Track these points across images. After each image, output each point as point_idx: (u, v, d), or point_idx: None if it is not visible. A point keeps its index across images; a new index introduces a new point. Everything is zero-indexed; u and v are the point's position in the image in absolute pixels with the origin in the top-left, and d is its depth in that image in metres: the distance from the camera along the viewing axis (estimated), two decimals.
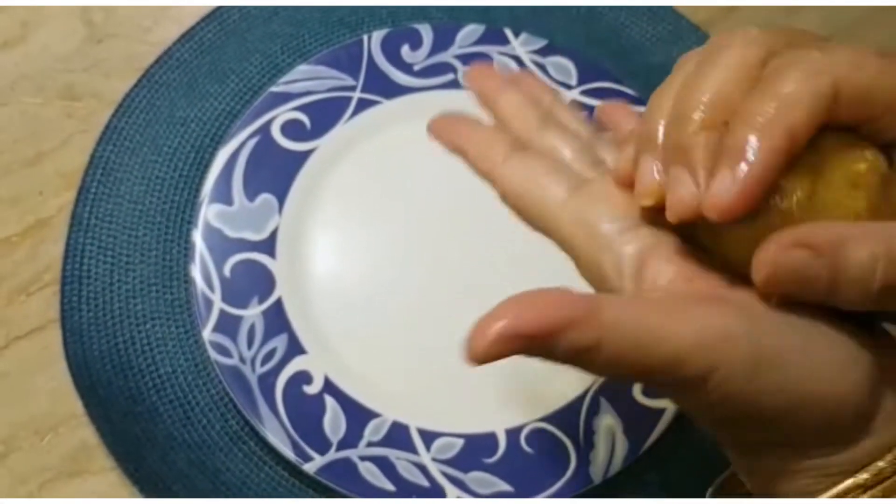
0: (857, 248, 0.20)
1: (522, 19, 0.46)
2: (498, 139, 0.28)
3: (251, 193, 0.41)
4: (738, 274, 0.23)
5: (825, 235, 0.20)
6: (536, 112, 0.29)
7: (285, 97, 0.43)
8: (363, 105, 0.43)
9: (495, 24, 0.45)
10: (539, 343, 0.20)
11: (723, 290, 0.23)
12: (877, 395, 0.22)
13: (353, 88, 0.43)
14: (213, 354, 0.38)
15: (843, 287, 0.21)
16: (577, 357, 0.20)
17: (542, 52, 0.45)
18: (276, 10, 0.46)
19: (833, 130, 0.22)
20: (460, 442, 0.39)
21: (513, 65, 0.45)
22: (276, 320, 0.40)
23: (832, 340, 0.22)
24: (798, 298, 0.22)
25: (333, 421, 0.38)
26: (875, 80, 0.21)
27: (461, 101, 0.44)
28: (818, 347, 0.22)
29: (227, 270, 0.40)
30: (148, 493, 0.38)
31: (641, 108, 0.44)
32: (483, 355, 0.20)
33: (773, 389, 0.21)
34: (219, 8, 0.46)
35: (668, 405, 0.39)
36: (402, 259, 0.42)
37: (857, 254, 0.20)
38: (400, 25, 0.45)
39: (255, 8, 0.46)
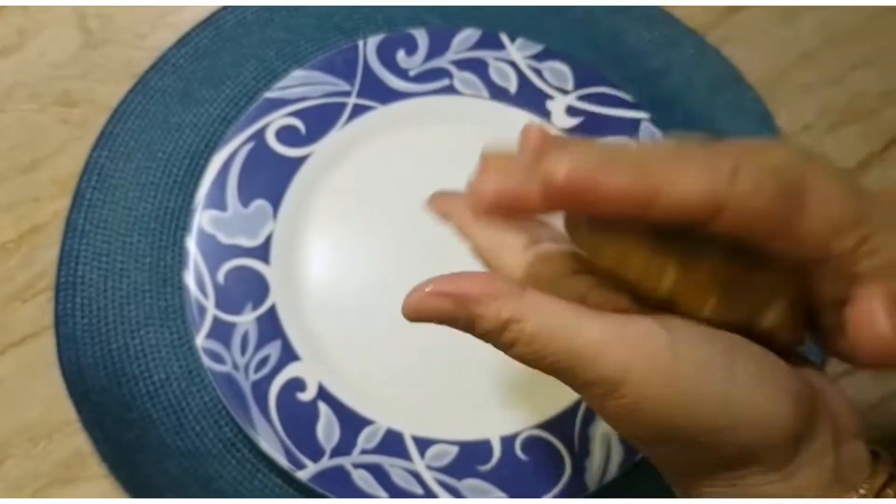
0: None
1: (519, 24, 0.46)
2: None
3: (245, 199, 0.41)
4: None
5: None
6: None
7: (280, 103, 0.42)
8: (358, 111, 0.43)
9: (491, 29, 0.45)
10: (463, 305, 0.22)
11: (647, 312, 0.23)
12: (808, 420, 0.22)
13: (348, 94, 0.43)
14: (206, 361, 0.38)
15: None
16: (497, 328, 0.22)
17: (539, 56, 0.45)
18: (271, 15, 0.46)
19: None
20: (455, 449, 0.39)
21: (509, 70, 0.44)
22: (270, 327, 0.39)
23: (758, 363, 0.22)
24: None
25: (327, 428, 0.38)
26: (759, 213, 0.20)
27: (456, 105, 0.44)
28: (743, 366, 0.22)
29: (220, 277, 0.40)
30: None
31: (639, 113, 0.44)
32: (414, 309, 0.23)
33: (694, 400, 0.21)
34: (214, 14, 0.46)
35: None
36: (397, 265, 0.42)
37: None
38: (395, 30, 0.45)
39: (251, 14, 0.46)
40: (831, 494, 0.22)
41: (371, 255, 0.42)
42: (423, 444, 0.39)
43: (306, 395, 0.39)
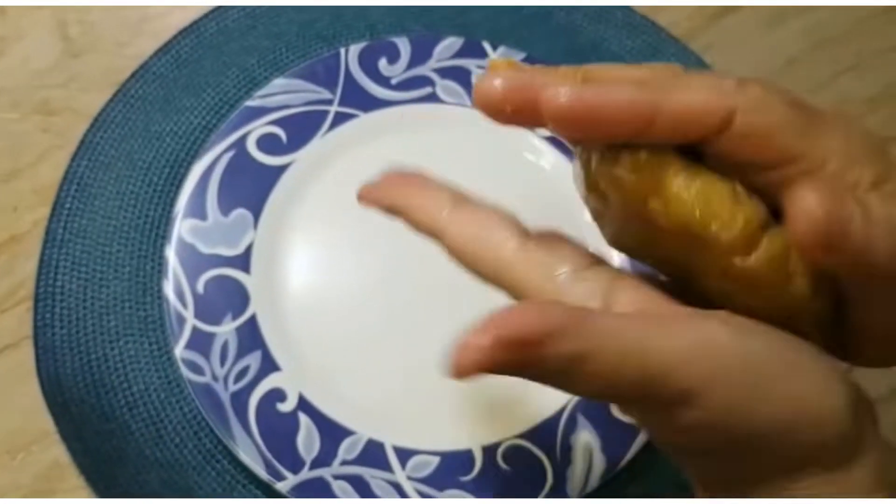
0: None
1: (501, 32, 0.46)
2: (438, 195, 0.26)
3: (225, 208, 0.41)
4: (704, 299, 0.22)
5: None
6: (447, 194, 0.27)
7: (261, 111, 0.42)
8: (340, 119, 0.43)
9: (474, 37, 0.45)
10: (527, 351, 0.19)
11: (698, 309, 0.22)
12: (857, 418, 0.21)
13: (330, 102, 0.43)
14: (185, 372, 0.38)
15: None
16: (563, 368, 0.20)
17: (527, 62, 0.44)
18: (253, 23, 0.46)
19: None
20: (436, 460, 0.38)
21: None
22: (250, 337, 0.39)
23: (812, 356, 0.21)
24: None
25: (307, 439, 0.38)
26: (774, 128, 0.20)
27: (438, 113, 0.44)
28: (803, 361, 0.21)
29: (200, 287, 0.39)
30: None
31: None
32: (471, 366, 0.19)
33: (765, 403, 0.20)
34: (196, 21, 0.45)
35: None
36: (378, 275, 0.41)
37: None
38: (377, 38, 0.45)
39: (233, 21, 0.46)
40: (881, 494, 0.21)
41: (353, 264, 0.42)
42: (405, 455, 0.38)
43: (286, 406, 0.38)
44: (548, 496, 0.38)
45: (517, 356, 0.19)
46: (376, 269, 0.42)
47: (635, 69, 0.22)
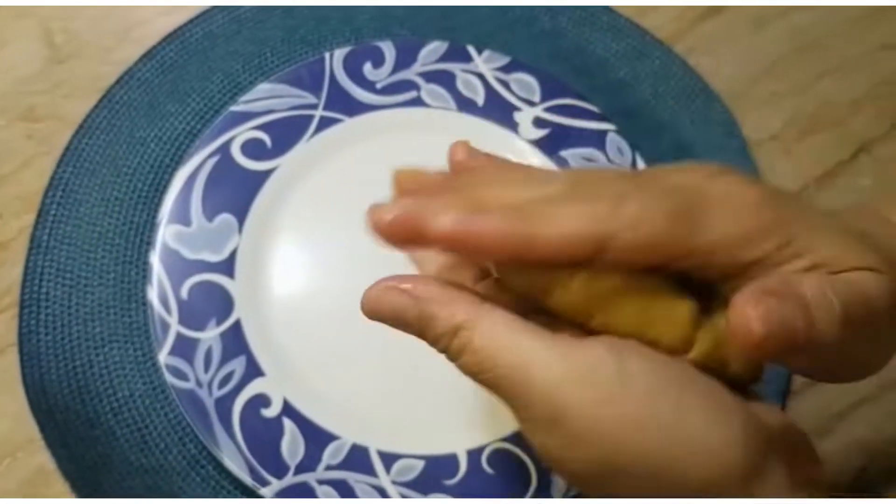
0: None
1: (486, 36, 0.46)
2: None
3: (210, 214, 0.41)
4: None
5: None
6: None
7: (245, 116, 0.42)
8: (325, 123, 0.43)
9: (458, 42, 0.45)
10: (420, 303, 0.23)
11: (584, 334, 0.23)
12: (759, 458, 0.21)
13: (314, 107, 0.43)
14: (169, 378, 0.38)
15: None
16: (449, 335, 0.23)
17: (506, 69, 0.45)
18: (238, 28, 0.46)
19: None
20: (421, 464, 0.38)
21: (477, 82, 0.44)
22: (235, 342, 0.39)
23: (708, 396, 0.21)
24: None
25: (292, 444, 0.38)
26: (650, 237, 0.20)
27: (424, 118, 0.44)
28: (693, 400, 0.21)
29: (184, 292, 0.39)
30: None
31: (605, 125, 0.44)
32: (372, 302, 0.25)
33: (641, 434, 0.20)
34: (181, 27, 0.45)
35: None
36: (363, 279, 0.41)
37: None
38: (362, 43, 0.45)
39: (218, 27, 0.46)
40: None
41: (338, 269, 0.42)
42: (389, 459, 0.38)
43: (271, 412, 0.38)
44: (532, 498, 0.38)
45: (413, 305, 0.23)
46: (361, 274, 0.41)
47: (538, 187, 0.22)
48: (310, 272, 0.41)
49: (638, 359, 0.21)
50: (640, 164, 0.43)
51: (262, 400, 0.38)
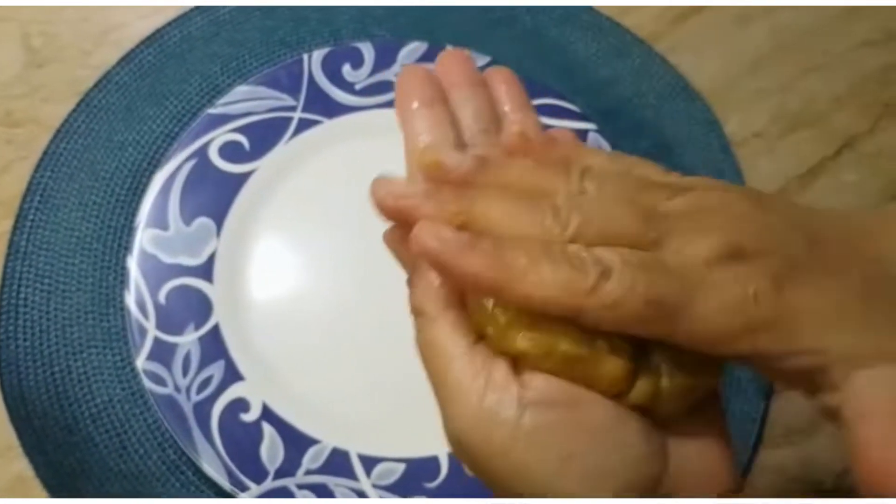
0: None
1: (466, 36, 0.46)
2: None
3: (187, 217, 0.40)
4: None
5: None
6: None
7: (223, 119, 0.42)
8: (304, 125, 0.43)
9: (438, 42, 0.45)
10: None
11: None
12: (649, 493, 0.22)
13: (293, 108, 0.43)
14: (147, 383, 0.38)
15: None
16: (415, 310, 0.24)
17: (486, 68, 0.44)
18: (216, 30, 0.46)
19: None
20: (401, 467, 0.38)
21: None
22: (213, 347, 0.39)
23: (606, 435, 0.21)
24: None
25: (271, 449, 0.38)
26: (627, 318, 0.20)
27: None
28: (586, 439, 0.21)
29: (162, 297, 0.39)
30: None
31: (586, 124, 0.43)
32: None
33: (528, 469, 0.21)
34: (159, 30, 0.45)
35: None
36: (342, 282, 0.41)
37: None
38: (341, 44, 0.45)
39: (196, 29, 0.45)
40: None
41: (317, 272, 0.41)
42: (370, 463, 0.38)
43: (250, 416, 0.38)
44: None
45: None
46: (340, 277, 0.41)
47: (545, 218, 0.21)
48: (289, 275, 0.41)
49: (540, 411, 0.21)
50: None
51: (241, 404, 0.38)
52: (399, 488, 0.38)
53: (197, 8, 0.46)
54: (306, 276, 0.41)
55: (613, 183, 0.22)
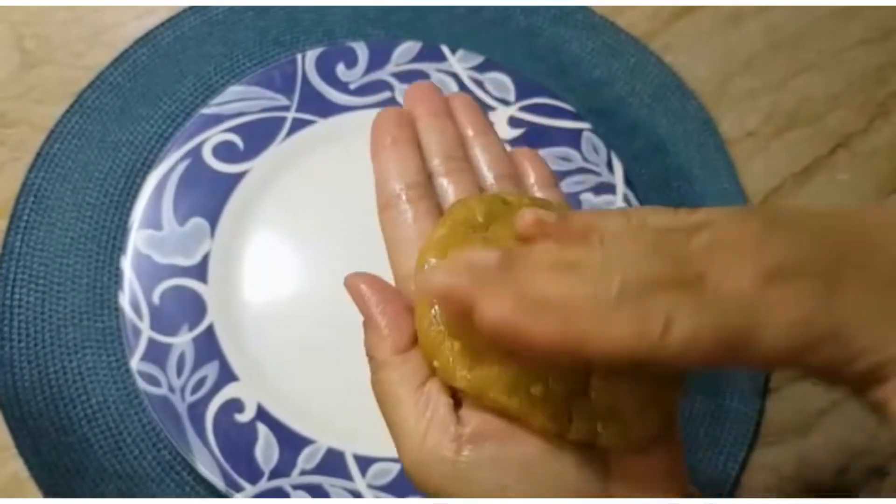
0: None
1: (460, 36, 0.46)
2: None
3: (181, 217, 0.40)
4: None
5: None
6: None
7: (217, 119, 0.42)
8: (298, 125, 0.43)
9: (432, 41, 0.45)
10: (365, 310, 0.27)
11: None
12: None
13: (287, 108, 0.43)
14: (141, 384, 0.38)
15: None
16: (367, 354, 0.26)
17: (480, 68, 0.44)
18: (210, 30, 0.46)
19: None
20: (397, 467, 0.38)
21: (451, 82, 0.44)
22: (207, 347, 0.39)
23: (541, 482, 0.22)
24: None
25: (266, 449, 0.38)
26: (697, 357, 0.20)
27: None
28: (521, 482, 0.22)
29: (156, 297, 0.39)
30: None
31: (581, 123, 0.43)
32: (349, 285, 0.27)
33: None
34: (152, 31, 0.45)
35: None
36: (337, 282, 0.41)
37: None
38: (335, 43, 0.45)
39: (189, 29, 0.45)
40: None
41: (311, 272, 0.41)
42: (365, 463, 0.38)
43: (244, 416, 0.38)
44: None
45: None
46: (334, 277, 0.41)
47: (590, 277, 0.21)
48: (283, 276, 0.41)
49: (474, 449, 0.22)
50: (616, 163, 0.43)
51: (235, 405, 0.38)
52: (394, 489, 0.38)
53: (190, 8, 0.46)
54: (301, 277, 0.41)
55: (635, 240, 0.22)
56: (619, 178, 0.43)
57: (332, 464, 0.38)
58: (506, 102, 0.44)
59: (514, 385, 0.22)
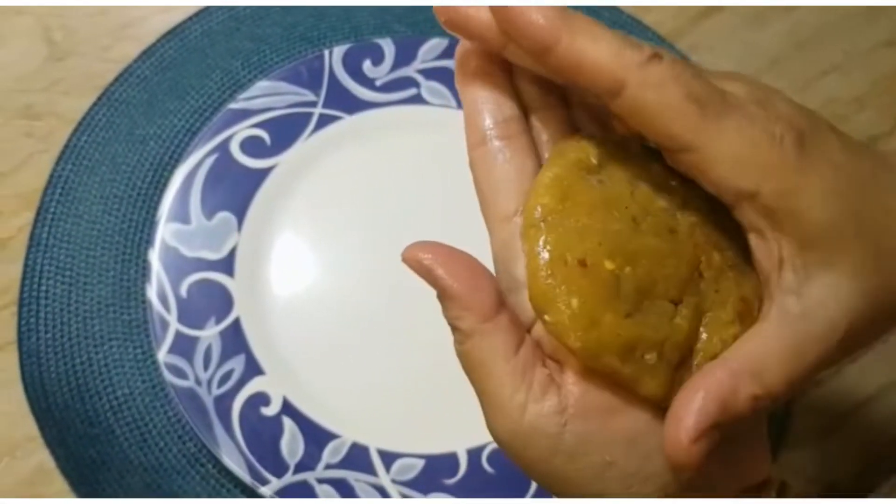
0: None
1: None
2: None
3: (209, 212, 0.41)
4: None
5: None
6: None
7: (244, 114, 0.42)
8: (324, 121, 0.43)
9: (457, 39, 0.45)
10: (436, 284, 0.23)
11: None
12: None
13: (313, 104, 0.43)
14: (168, 376, 0.38)
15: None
16: (451, 325, 0.23)
17: None
18: (237, 25, 0.46)
19: None
20: (421, 463, 0.38)
21: None
22: (234, 341, 0.39)
23: (657, 437, 0.22)
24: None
25: (291, 443, 0.38)
26: (661, 107, 0.20)
27: (424, 115, 0.44)
28: (622, 458, 0.22)
29: (183, 290, 0.39)
30: None
31: None
32: (409, 260, 0.23)
33: (568, 476, 0.22)
34: (180, 24, 0.45)
35: None
36: (363, 277, 0.41)
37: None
38: (362, 40, 0.45)
39: (217, 24, 0.45)
40: None
41: (337, 267, 0.41)
42: (389, 458, 0.38)
43: (270, 410, 0.38)
44: (532, 499, 0.38)
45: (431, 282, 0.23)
46: (361, 272, 0.41)
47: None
48: (310, 270, 0.41)
49: (579, 423, 0.22)
50: None
51: (261, 398, 0.38)
52: (418, 484, 0.38)
53: (215, 5, 0.46)
54: (327, 271, 0.41)
55: (682, 63, 0.21)
56: None
57: (357, 458, 0.38)
58: None
59: (629, 350, 0.21)
